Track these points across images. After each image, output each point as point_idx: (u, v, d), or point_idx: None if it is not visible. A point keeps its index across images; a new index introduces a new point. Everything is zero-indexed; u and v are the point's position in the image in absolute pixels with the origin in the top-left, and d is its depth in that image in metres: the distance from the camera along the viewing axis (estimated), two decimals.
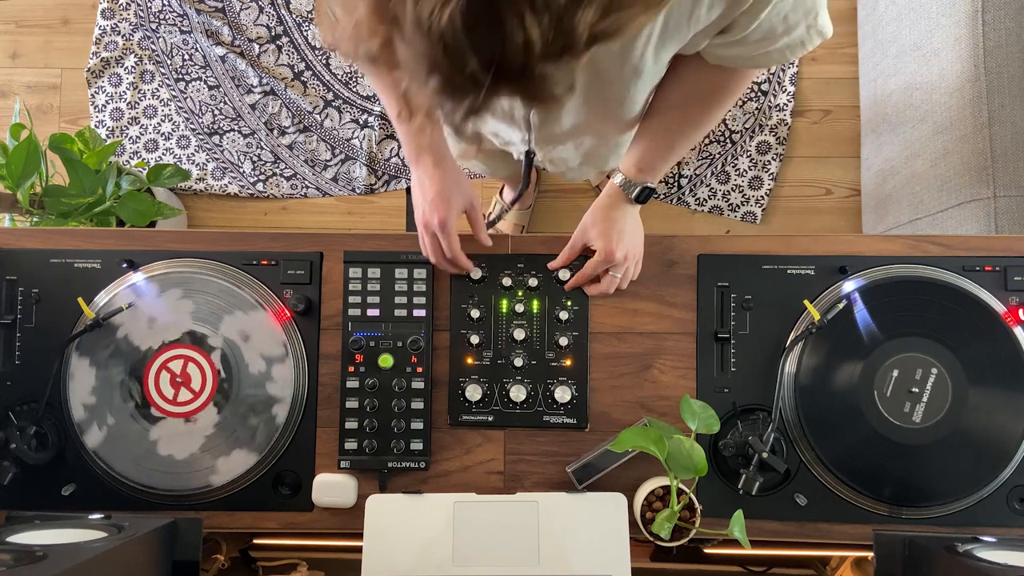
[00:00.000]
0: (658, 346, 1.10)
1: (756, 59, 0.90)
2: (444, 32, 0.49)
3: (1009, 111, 1.46)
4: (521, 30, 0.49)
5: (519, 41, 0.49)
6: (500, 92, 0.54)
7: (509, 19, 0.49)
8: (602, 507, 1.00)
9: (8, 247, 1.13)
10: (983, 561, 0.83)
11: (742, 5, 0.79)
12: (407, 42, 0.52)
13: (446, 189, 1.02)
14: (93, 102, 2.16)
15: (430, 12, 0.49)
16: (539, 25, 0.49)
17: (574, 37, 0.51)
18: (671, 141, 1.03)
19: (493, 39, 0.50)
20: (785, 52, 0.88)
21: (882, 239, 1.11)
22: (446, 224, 1.02)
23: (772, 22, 0.83)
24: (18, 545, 0.82)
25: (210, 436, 1.07)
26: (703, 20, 0.82)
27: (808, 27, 0.86)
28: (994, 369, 1.03)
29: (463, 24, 0.49)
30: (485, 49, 0.50)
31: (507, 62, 0.51)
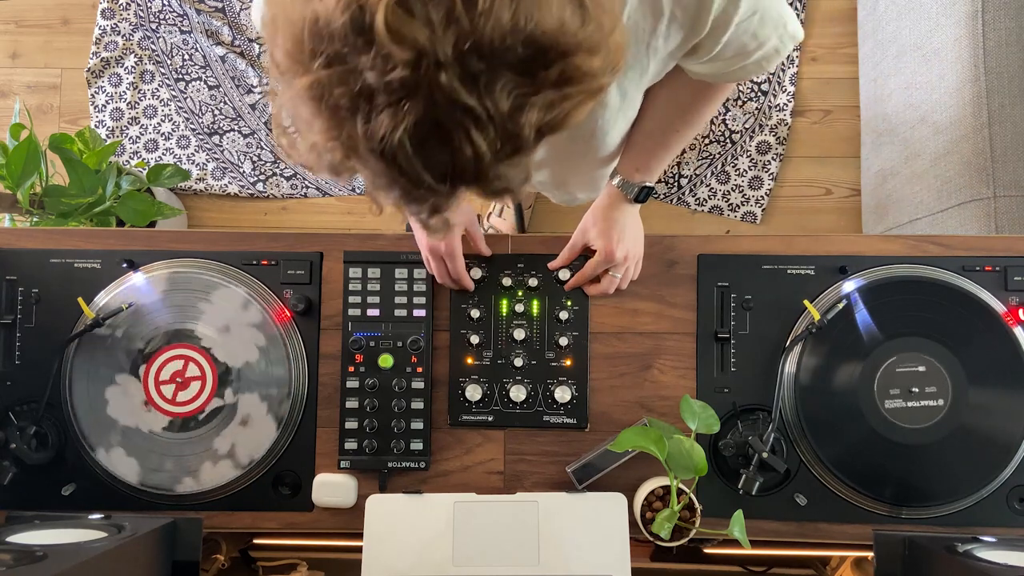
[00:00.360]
0: (658, 346, 1.10)
1: (734, 73, 0.90)
2: (396, 153, 0.51)
3: (1009, 111, 1.46)
4: (469, 144, 0.51)
5: (468, 154, 0.51)
6: (459, 193, 0.56)
7: (456, 135, 0.51)
8: (602, 507, 1.00)
9: (8, 247, 1.12)
10: (983, 561, 0.83)
11: (699, 33, 0.79)
12: (362, 162, 0.54)
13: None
14: (93, 102, 2.16)
15: (381, 136, 0.50)
16: (486, 137, 0.51)
17: (521, 139, 0.53)
18: (665, 140, 1.03)
19: (444, 155, 0.52)
20: (761, 63, 0.88)
21: (882, 239, 1.11)
22: (452, 250, 1.04)
23: (742, 40, 0.83)
24: (18, 545, 0.82)
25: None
26: (662, 50, 0.82)
27: (780, 36, 0.86)
28: (994, 369, 1.03)
29: (413, 145, 0.51)
30: (438, 165, 0.52)
31: (461, 173, 0.53)
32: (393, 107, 0.49)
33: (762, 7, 0.80)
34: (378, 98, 0.50)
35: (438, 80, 0.48)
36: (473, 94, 0.49)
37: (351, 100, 0.51)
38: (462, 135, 0.51)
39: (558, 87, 0.52)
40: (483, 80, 0.49)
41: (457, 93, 0.49)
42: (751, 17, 0.80)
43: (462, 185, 0.55)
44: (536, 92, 0.51)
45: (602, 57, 0.54)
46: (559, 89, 0.52)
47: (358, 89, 0.50)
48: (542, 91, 0.52)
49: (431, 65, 0.48)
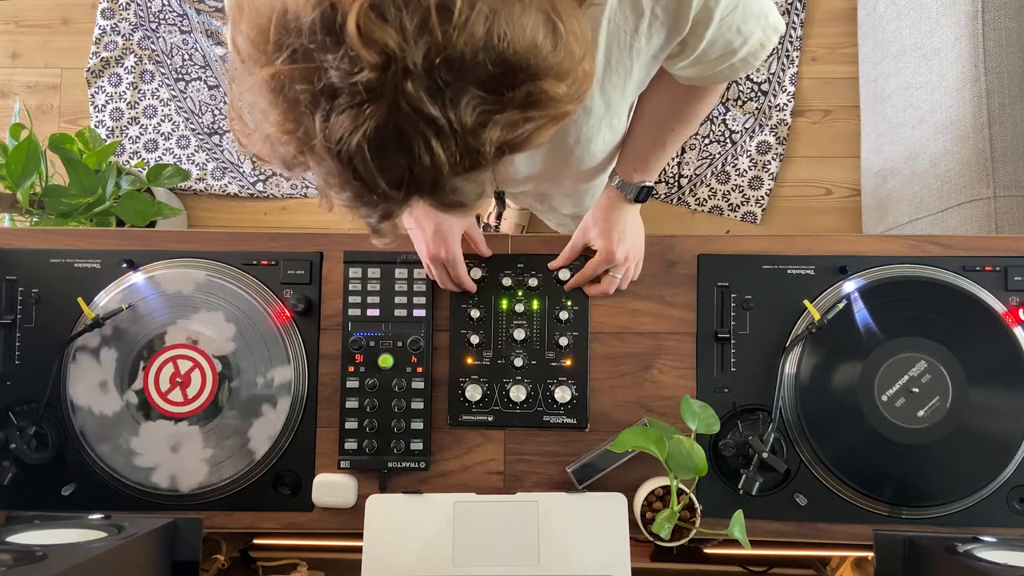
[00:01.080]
0: (658, 346, 1.10)
1: (722, 73, 0.88)
2: (353, 156, 0.50)
3: (1009, 111, 1.46)
4: (428, 153, 0.50)
5: (427, 163, 0.51)
6: (412, 202, 0.56)
7: (416, 143, 0.50)
8: (602, 507, 1.00)
9: (8, 247, 1.13)
10: (983, 561, 0.83)
11: (681, 30, 0.78)
12: (317, 160, 0.53)
13: (444, 220, 1.03)
14: (93, 102, 2.16)
15: (339, 137, 0.50)
16: (446, 149, 0.51)
17: (481, 154, 0.52)
18: (662, 139, 1.02)
19: (401, 163, 0.51)
20: (748, 60, 0.87)
21: (882, 239, 1.11)
22: (453, 255, 1.04)
23: (727, 37, 0.81)
24: (18, 545, 0.82)
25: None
26: (645, 51, 0.81)
27: (763, 28, 0.84)
28: (994, 369, 1.03)
29: (371, 150, 0.50)
30: (394, 172, 0.52)
31: (417, 182, 0.53)
32: (355, 109, 0.49)
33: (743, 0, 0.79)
34: (340, 98, 0.49)
35: (404, 87, 0.48)
36: (437, 105, 0.49)
37: (312, 97, 0.50)
38: (422, 145, 0.50)
39: (523, 108, 0.52)
40: (449, 92, 0.49)
41: (422, 103, 0.49)
42: (733, 12, 0.78)
43: (416, 194, 0.55)
44: (501, 111, 0.51)
45: (569, 84, 0.54)
46: (523, 111, 0.52)
47: (321, 87, 0.49)
48: (506, 110, 0.51)
49: (399, 71, 0.48)
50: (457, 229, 1.05)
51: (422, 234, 1.04)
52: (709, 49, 0.82)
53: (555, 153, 1.03)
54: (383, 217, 0.58)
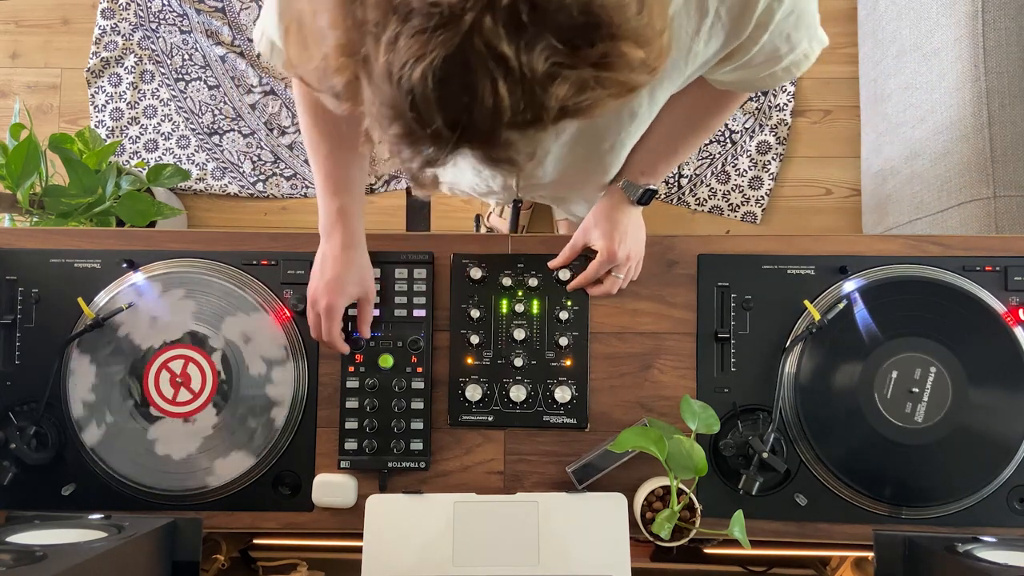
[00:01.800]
0: (658, 346, 1.10)
1: (762, 80, 0.88)
2: (414, 87, 0.48)
3: (1009, 111, 1.46)
4: (492, 95, 0.48)
5: (488, 105, 0.49)
6: (462, 151, 0.53)
7: (482, 82, 0.48)
8: (602, 507, 1.00)
9: (8, 247, 1.12)
10: (983, 561, 0.83)
11: (741, 35, 0.77)
12: (373, 87, 0.51)
13: (345, 277, 1.01)
14: (93, 102, 2.16)
15: (402, 64, 0.48)
16: (511, 94, 0.48)
17: (544, 110, 0.50)
18: (674, 146, 1.02)
19: (462, 101, 0.49)
20: (791, 69, 0.86)
21: (882, 239, 1.11)
22: (332, 310, 1.01)
23: (775, 43, 0.81)
24: (18, 545, 0.82)
25: (209, 436, 1.07)
26: (701, 56, 0.80)
27: (810, 40, 0.84)
28: (994, 369, 1.03)
29: (435, 80, 0.48)
30: (453, 109, 0.49)
31: (474, 125, 0.50)
32: (426, 35, 0.46)
33: (800, 7, 0.78)
34: (413, 20, 0.46)
35: (483, 19, 0.46)
36: (512, 45, 0.47)
37: (383, 14, 0.47)
38: (488, 85, 0.48)
39: (596, 68, 0.50)
40: (527, 35, 0.47)
41: (498, 39, 0.46)
42: (789, 17, 0.78)
43: (468, 141, 0.52)
44: (573, 66, 0.49)
45: (647, 53, 0.51)
46: (596, 70, 0.50)
47: (396, 3, 0.47)
48: (579, 67, 0.49)
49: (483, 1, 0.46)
50: (352, 291, 1.02)
51: (320, 274, 1.02)
52: (756, 55, 0.81)
53: (586, 161, 1.02)
54: (426, 163, 0.55)
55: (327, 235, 1.02)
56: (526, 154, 0.55)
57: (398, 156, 0.55)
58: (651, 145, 1.02)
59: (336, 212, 1.00)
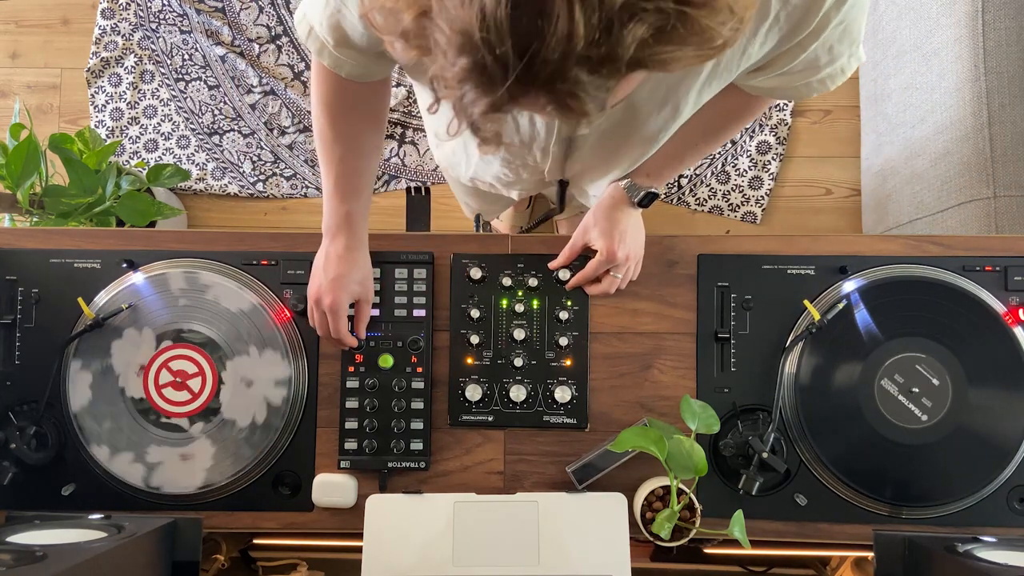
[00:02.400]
0: (658, 346, 1.10)
1: (797, 90, 0.87)
2: (485, 5, 0.46)
3: (1009, 111, 1.46)
4: (569, 21, 0.46)
5: (563, 32, 0.46)
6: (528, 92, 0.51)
7: (558, 6, 0.46)
8: (602, 507, 1.00)
9: (8, 247, 1.12)
10: (983, 561, 0.83)
11: (796, 38, 0.76)
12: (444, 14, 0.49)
13: (348, 276, 1.02)
14: (93, 102, 2.16)
15: None
16: (587, 21, 0.46)
17: (620, 48, 0.48)
18: (683, 152, 1.02)
19: (536, 24, 0.47)
20: (826, 81, 0.85)
21: (882, 239, 1.11)
22: (336, 308, 1.02)
23: (817, 52, 0.80)
24: (18, 545, 0.82)
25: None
26: (754, 56, 0.79)
27: (850, 55, 0.83)
28: (994, 369, 1.03)
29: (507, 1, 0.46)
30: (525, 33, 0.47)
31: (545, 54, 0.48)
32: None
33: (850, 18, 0.77)
34: None
35: None
36: None
37: None
38: (564, 8, 0.45)
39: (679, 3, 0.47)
40: None
41: None
42: (838, 27, 0.77)
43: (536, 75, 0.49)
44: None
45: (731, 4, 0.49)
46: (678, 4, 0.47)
47: None
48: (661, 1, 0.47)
49: None
50: (355, 290, 1.03)
51: (322, 274, 1.02)
52: (799, 62, 0.81)
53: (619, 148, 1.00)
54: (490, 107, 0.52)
55: (331, 236, 1.02)
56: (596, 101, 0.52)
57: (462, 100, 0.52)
58: (662, 150, 1.02)
59: (343, 216, 1.00)
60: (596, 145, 1.00)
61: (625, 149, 1.00)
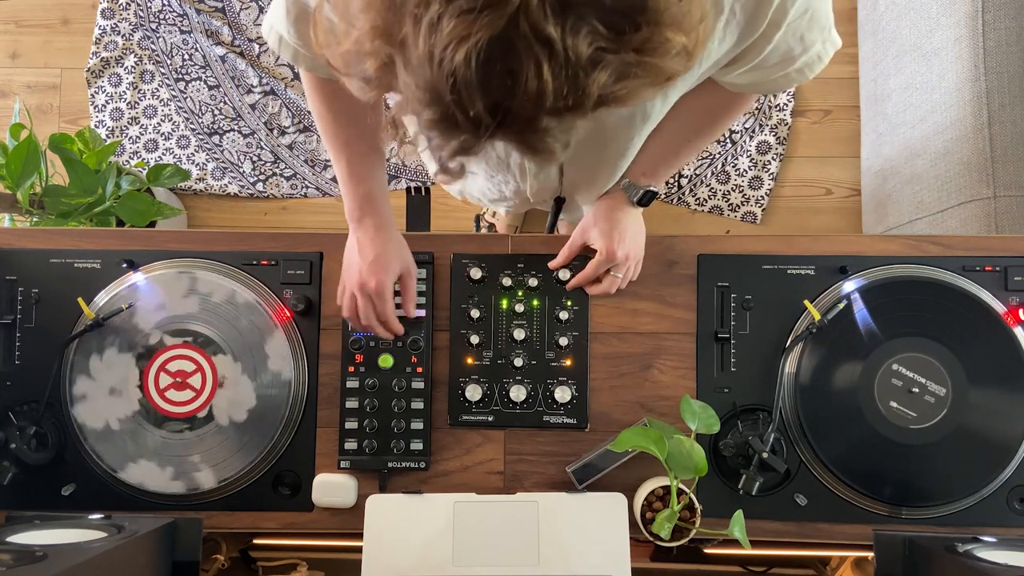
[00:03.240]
0: (658, 346, 1.10)
1: (775, 82, 0.87)
2: (456, 69, 0.47)
3: (1009, 111, 1.46)
4: (538, 79, 0.48)
5: (533, 90, 0.48)
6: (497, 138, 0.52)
7: (527, 64, 0.47)
8: (602, 507, 1.00)
9: (8, 247, 1.12)
10: (983, 561, 0.83)
11: (754, 33, 0.77)
12: (410, 70, 0.50)
13: (387, 254, 1.01)
14: (93, 102, 2.16)
15: (445, 46, 0.47)
16: (555, 78, 0.48)
17: (585, 96, 0.50)
18: (678, 149, 1.02)
19: (506, 84, 0.48)
20: (804, 71, 0.86)
21: (882, 239, 1.11)
22: (382, 289, 1.00)
23: (789, 43, 0.80)
24: (18, 545, 0.82)
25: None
26: (714, 54, 0.79)
27: (824, 41, 0.83)
28: (994, 369, 1.03)
29: (478, 62, 0.47)
30: (495, 93, 0.49)
31: (515, 109, 0.49)
32: (471, 15, 0.46)
33: (814, 6, 0.78)
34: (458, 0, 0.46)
35: (529, 1, 0.45)
36: (558, 28, 0.46)
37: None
38: (532, 67, 0.47)
39: (639, 53, 0.49)
40: (572, 17, 0.47)
41: (544, 21, 0.46)
42: (802, 16, 0.77)
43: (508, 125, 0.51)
44: (616, 51, 0.49)
45: (688, 40, 0.51)
46: (639, 55, 0.49)
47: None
48: (622, 52, 0.49)
49: None
50: (396, 267, 1.02)
51: (360, 257, 1.01)
52: (770, 55, 0.81)
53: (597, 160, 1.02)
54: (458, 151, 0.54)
55: (357, 221, 1.01)
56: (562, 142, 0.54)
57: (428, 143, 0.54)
58: (655, 147, 1.02)
59: (363, 197, 1.00)
60: (572, 160, 1.02)
61: (603, 160, 1.01)
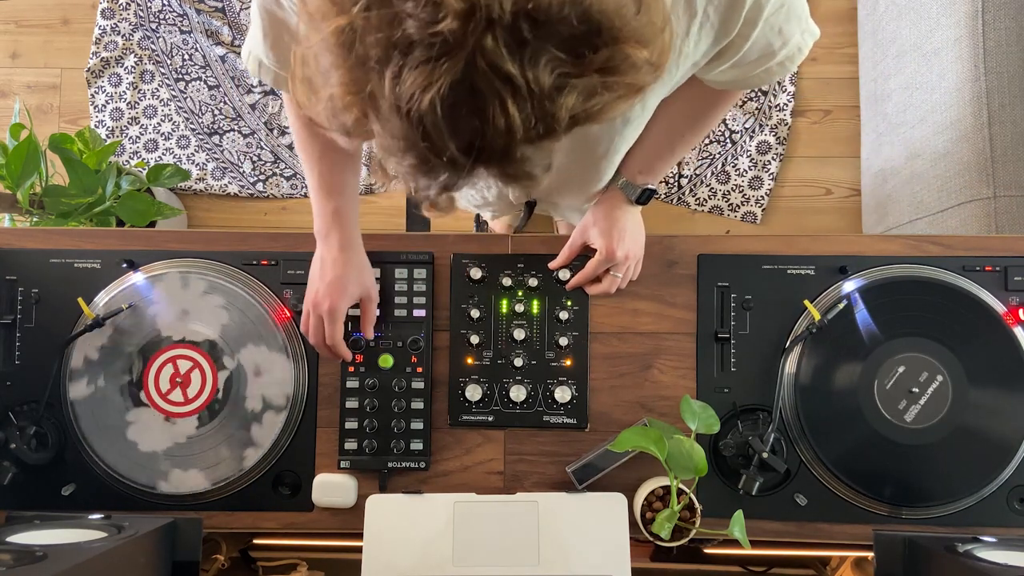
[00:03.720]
0: (658, 346, 1.10)
1: (758, 77, 0.87)
2: (424, 116, 0.48)
3: (1009, 111, 1.46)
4: (503, 115, 0.48)
5: (501, 126, 0.49)
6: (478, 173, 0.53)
7: (491, 104, 0.48)
8: (602, 507, 1.00)
9: (8, 247, 1.12)
10: (983, 561, 0.83)
11: (729, 33, 0.77)
12: (382, 121, 0.50)
13: (345, 276, 1.00)
14: (93, 102, 2.16)
15: (409, 96, 0.47)
16: (521, 111, 0.48)
17: (556, 121, 0.50)
18: (671, 144, 1.02)
19: (474, 124, 0.49)
20: (785, 64, 0.86)
21: (882, 239, 1.11)
22: (335, 312, 1.00)
23: (768, 38, 0.80)
24: (18, 545, 0.82)
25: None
26: (691, 57, 0.80)
27: (802, 32, 0.84)
28: (994, 369, 1.03)
29: (444, 108, 0.48)
30: (465, 134, 0.49)
31: (488, 146, 0.50)
32: (430, 64, 0.46)
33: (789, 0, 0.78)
34: (415, 52, 0.46)
35: (484, 41, 0.46)
36: (517, 63, 0.47)
37: (384, 51, 0.47)
38: (497, 106, 0.48)
39: (602, 74, 0.50)
40: (529, 50, 0.47)
41: (501, 59, 0.46)
42: (779, 11, 0.77)
43: (485, 162, 0.52)
44: (580, 75, 0.49)
45: (650, 52, 0.51)
46: (603, 76, 0.50)
47: (396, 39, 0.47)
48: (586, 75, 0.49)
49: (481, 21, 0.45)
50: (355, 292, 1.02)
51: (320, 277, 1.01)
52: (749, 51, 0.81)
53: (581, 167, 1.02)
54: (443, 189, 0.55)
55: (324, 238, 1.02)
56: (542, 166, 0.55)
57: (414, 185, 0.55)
58: (648, 145, 1.02)
59: (331, 214, 1.00)
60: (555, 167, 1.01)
61: (588, 164, 1.01)
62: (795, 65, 0.86)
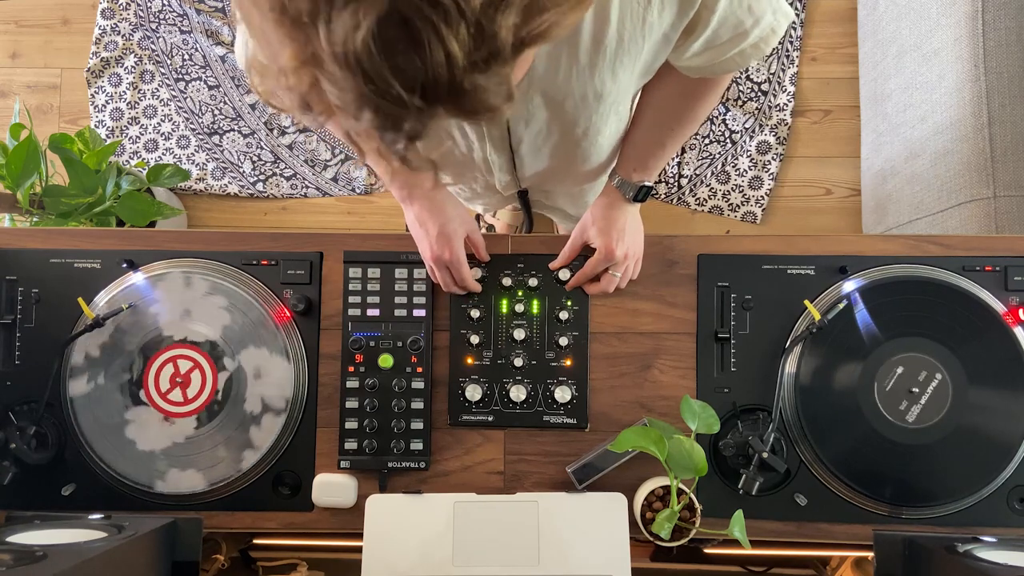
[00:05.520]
0: (658, 346, 1.10)
1: (732, 60, 0.87)
2: (361, 58, 0.47)
3: (1009, 111, 1.46)
4: (440, 45, 0.47)
5: (440, 57, 0.47)
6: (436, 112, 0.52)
7: (425, 35, 0.46)
8: (602, 507, 1.00)
9: (8, 247, 1.12)
10: (983, 561, 0.83)
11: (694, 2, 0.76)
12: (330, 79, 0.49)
13: (448, 223, 1.03)
14: (93, 102, 2.16)
15: (343, 40, 0.46)
16: (457, 36, 0.47)
17: (498, 43, 0.48)
18: (661, 139, 1.02)
19: (413, 59, 0.47)
20: (759, 45, 0.85)
21: (882, 239, 1.11)
22: (457, 258, 1.04)
23: (738, 15, 0.80)
24: (18, 545, 0.82)
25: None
26: (657, 27, 0.79)
27: (774, 11, 0.83)
28: (994, 369, 1.03)
29: (377, 46, 0.46)
30: (407, 70, 0.48)
31: (433, 80, 0.48)
32: (354, 4, 0.45)
33: None
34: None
35: None
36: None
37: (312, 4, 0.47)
38: (431, 34, 0.46)
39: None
40: None
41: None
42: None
43: (436, 99, 0.50)
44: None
45: None
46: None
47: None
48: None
49: None
50: (460, 231, 1.05)
51: (425, 235, 1.04)
52: (720, 29, 0.80)
53: (563, 149, 1.03)
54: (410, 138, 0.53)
55: (408, 199, 1.04)
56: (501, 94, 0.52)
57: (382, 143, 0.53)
58: (638, 141, 1.03)
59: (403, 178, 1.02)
60: (535, 147, 1.02)
61: (570, 143, 1.01)
62: (769, 47, 0.86)
